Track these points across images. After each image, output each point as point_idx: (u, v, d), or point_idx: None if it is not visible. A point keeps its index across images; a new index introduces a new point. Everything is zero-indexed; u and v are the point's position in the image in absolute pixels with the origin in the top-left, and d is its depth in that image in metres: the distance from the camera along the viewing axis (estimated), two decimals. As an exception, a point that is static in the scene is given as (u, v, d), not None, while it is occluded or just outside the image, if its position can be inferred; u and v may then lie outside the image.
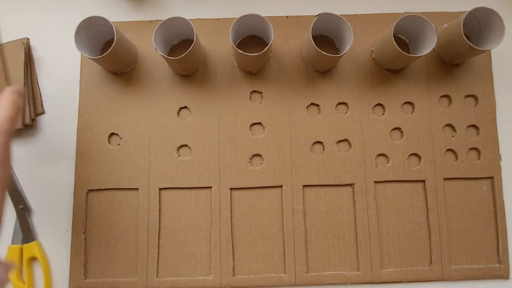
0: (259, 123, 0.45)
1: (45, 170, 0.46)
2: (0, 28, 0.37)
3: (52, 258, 0.44)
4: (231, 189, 0.44)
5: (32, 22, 0.48)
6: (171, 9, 0.49)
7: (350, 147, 0.45)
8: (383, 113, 0.45)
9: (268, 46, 0.39)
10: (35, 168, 0.46)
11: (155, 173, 0.44)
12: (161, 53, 0.40)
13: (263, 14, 0.39)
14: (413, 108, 0.45)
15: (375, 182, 0.44)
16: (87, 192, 0.44)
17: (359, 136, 0.45)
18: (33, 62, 0.47)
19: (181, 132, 0.45)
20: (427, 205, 0.44)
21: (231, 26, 0.39)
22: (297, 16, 0.47)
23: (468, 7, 0.39)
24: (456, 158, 0.45)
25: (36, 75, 0.47)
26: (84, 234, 0.43)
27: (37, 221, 0.45)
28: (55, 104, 0.47)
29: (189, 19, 0.39)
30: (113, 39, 0.39)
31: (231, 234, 0.43)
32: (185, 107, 0.45)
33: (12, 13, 0.49)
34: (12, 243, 0.44)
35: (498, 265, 0.43)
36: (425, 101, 0.45)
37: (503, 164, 0.45)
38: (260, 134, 0.45)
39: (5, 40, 0.46)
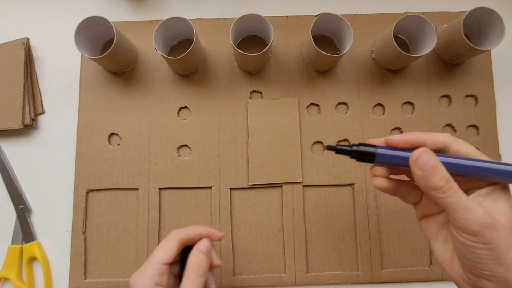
0: (259, 123, 0.45)
1: (45, 170, 0.46)
2: None
3: (52, 258, 0.44)
4: (231, 189, 0.44)
5: (32, 22, 0.48)
6: (171, 9, 0.49)
7: (350, 147, 0.45)
8: (383, 113, 0.45)
9: (268, 46, 0.39)
10: (35, 168, 0.46)
11: (155, 173, 0.44)
12: (161, 53, 0.40)
13: (263, 14, 0.39)
14: (413, 108, 0.45)
15: (375, 182, 0.44)
16: (87, 192, 0.44)
17: (359, 136, 0.45)
18: (33, 62, 0.47)
19: (181, 132, 0.45)
20: (427, 205, 0.44)
21: (231, 26, 0.39)
22: (297, 16, 0.47)
23: (468, 7, 0.39)
24: (456, 158, 0.45)
25: (36, 75, 0.47)
26: (84, 234, 0.43)
27: (37, 221, 0.45)
28: (55, 104, 0.47)
29: (189, 19, 0.39)
30: (113, 39, 0.39)
31: (231, 234, 0.43)
32: (185, 107, 0.45)
33: (12, 13, 0.49)
34: (12, 243, 0.44)
35: (498, 265, 0.43)
36: (425, 101, 0.45)
37: (503, 164, 0.45)
38: (260, 134, 0.45)
39: (5, 40, 0.47)
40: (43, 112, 0.47)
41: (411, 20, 0.40)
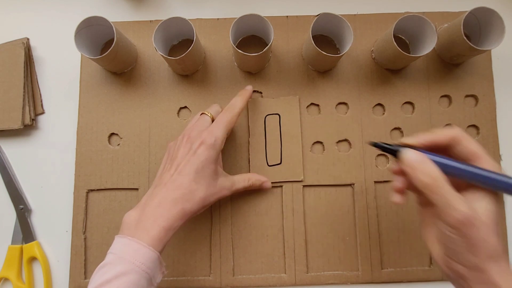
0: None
1: (45, 170, 0.46)
2: None
3: (52, 258, 0.44)
4: (231, 189, 0.44)
5: (32, 22, 0.48)
6: (171, 9, 0.49)
7: (350, 147, 0.45)
8: (383, 113, 0.45)
9: (268, 46, 0.39)
10: (35, 168, 0.46)
11: (155, 173, 0.44)
12: (161, 53, 0.40)
13: (263, 14, 0.39)
14: (413, 108, 0.45)
15: (375, 182, 0.44)
16: (87, 192, 0.44)
17: (359, 136, 0.45)
18: (33, 62, 0.47)
19: (181, 132, 0.45)
20: (427, 205, 0.44)
21: (231, 26, 0.39)
22: (297, 16, 0.47)
23: (468, 7, 0.39)
24: (456, 158, 0.45)
25: (36, 75, 0.47)
26: (84, 234, 0.43)
27: (37, 221, 0.45)
28: (55, 104, 0.47)
29: (189, 19, 0.39)
30: (113, 39, 0.39)
31: (231, 234, 0.43)
32: (185, 107, 0.45)
33: (12, 13, 0.49)
34: (12, 243, 0.44)
35: (498, 265, 0.43)
36: (425, 101, 0.45)
37: (503, 164, 0.45)
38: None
39: (5, 40, 0.47)
40: (43, 112, 0.47)
41: (411, 20, 0.40)
